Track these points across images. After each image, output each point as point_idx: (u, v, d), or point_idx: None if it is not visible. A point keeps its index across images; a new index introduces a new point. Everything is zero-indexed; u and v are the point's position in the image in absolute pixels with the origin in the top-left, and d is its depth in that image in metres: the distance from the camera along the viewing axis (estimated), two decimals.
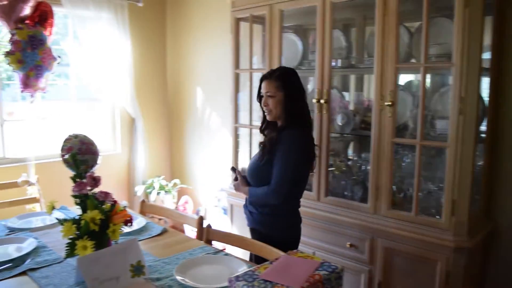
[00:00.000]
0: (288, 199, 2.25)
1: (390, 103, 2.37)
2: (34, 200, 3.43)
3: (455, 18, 2.14)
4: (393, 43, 2.36)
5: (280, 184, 2.17)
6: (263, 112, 2.34)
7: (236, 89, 3.30)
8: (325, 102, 2.71)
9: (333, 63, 2.76)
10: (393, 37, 2.36)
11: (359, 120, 2.84)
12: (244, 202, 2.47)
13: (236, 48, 3.27)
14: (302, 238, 2.40)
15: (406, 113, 2.67)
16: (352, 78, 3.24)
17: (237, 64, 3.29)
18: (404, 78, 2.89)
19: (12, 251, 2.07)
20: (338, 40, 2.97)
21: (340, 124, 2.84)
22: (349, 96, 3.15)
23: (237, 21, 3.24)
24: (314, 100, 2.75)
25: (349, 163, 2.93)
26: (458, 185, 2.21)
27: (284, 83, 2.23)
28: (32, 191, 3.48)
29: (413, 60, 2.66)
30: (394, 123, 2.41)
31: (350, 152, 3.09)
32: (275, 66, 2.95)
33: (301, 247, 2.78)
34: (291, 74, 2.30)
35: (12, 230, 2.36)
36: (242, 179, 2.38)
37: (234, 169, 2.46)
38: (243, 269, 1.82)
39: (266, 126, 2.38)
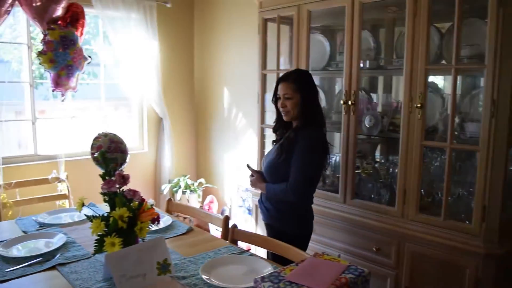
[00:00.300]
0: (304, 196, 2.38)
1: (419, 105, 2.33)
2: (63, 196, 3.51)
3: (488, 18, 2.09)
4: (423, 44, 2.32)
5: (298, 182, 2.29)
6: (278, 113, 2.47)
7: (263, 90, 3.30)
8: (352, 104, 2.68)
9: (361, 64, 2.73)
10: (423, 38, 2.31)
11: (387, 122, 2.80)
12: (259, 198, 2.59)
13: (263, 48, 3.27)
14: (327, 240, 2.39)
15: (435, 115, 2.62)
16: (381, 80, 3.20)
17: (264, 65, 3.29)
18: (434, 80, 2.83)
19: (42, 246, 2.12)
20: (367, 41, 2.93)
21: (367, 126, 2.81)
22: (377, 98, 3.11)
23: (265, 21, 3.24)
24: (342, 102, 2.73)
25: (376, 165, 2.89)
26: (489, 190, 2.15)
27: (301, 85, 2.34)
28: (62, 188, 3.57)
29: (443, 62, 2.60)
30: (423, 125, 2.37)
31: (377, 154, 3.05)
32: (303, 66, 2.95)
33: (326, 249, 2.77)
34: (307, 76, 2.42)
35: (42, 225, 2.42)
36: (259, 176, 2.49)
37: (249, 166, 2.54)
38: (268, 270, 1.82)
39: (279, 126, 2.51)
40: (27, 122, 3.86)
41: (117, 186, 1.90)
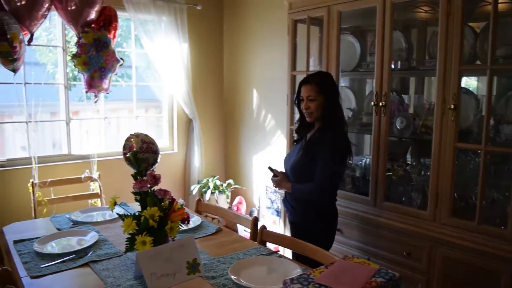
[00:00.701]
0: (329, 194, 2.45)
1: (452, 107, 2.28)
2: (96, 195, 3.59)
3: None
4: (457, 44, 2.26)
5: (323, 181, 2.35)
6: (300, 114, 2.54)
7: (292, 91, 3.29)
8: (383, 105, 2.64)
9: (392, 65, 2.69)
10: (457, 38, 2.26)
11: (419, 124, 2.74)
12: (283, 197, 2.67)
13: (293, 50, 3.26)
14: (356, 243, 2.36)
15: (470, 117, 2.56)
16: (412, 81, 3.14)
17: (293, 66, 3.28)
18: (468, 81, 2.77)
19: (75, 243, 2.18)
20: (398, 41, 2.89)
21: (399, 127, 2.76)
22: (409, 99, 3.06)
23: (294, 22, 3.24)
24: (372, 103, 2.69)
25: (408, 168, 2.84)
26: None
27: (324, 88, 2.41)
28: (94, 187, 3.65)
29: (478, 62, 2.54)
30: (456, 127, 2.31)
31: (408, 157, 3.00)
32: (333, 68, 2.93)
33: (355, 252, 2.73)
34: (329, 78, 2.48)
35: (76, 223, 2.48)
36: (283, 176, 2.54)
37: (271, 168, 2.59)
38: (297, 271, 1.81)
39: (301, 127, 2.59)
40: (62, 123, 3.96)
41: (148, 185, 1.94)
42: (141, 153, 2.15)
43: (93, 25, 3.48)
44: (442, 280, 2.38)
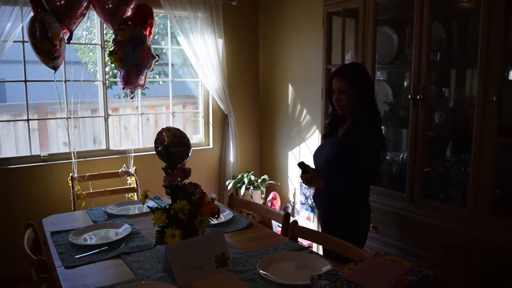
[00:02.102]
0: (365, 191, 2.40)
1: (495, 99, 2.16)
2: (132, 189, 3.66)
3: None
4: (500, 33, 2.14)
5: (361, 179, 2.31)
6: (332, 107, 2.46)
7: (327, 85, 3.22)
8: (421, 98, 2.55)
9: (431, 57, 2.58)
10: (500, 28, 2.14)
11: (459, 118, 2.63)
12: (313, 193, 2.60)
13: (327, 43, 3.20)
14: (390, 240, 2.29)
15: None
16: (453, 73, 3.01)
17: (328, 60, 3.22)
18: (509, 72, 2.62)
19: (109, 235, 2.22)
20: (438, 32, 2.77)
21: (438, 122, 2.66)
22: (449, 92, 2.93)
23: (329, 15, 3.17)
24: (410, 96, 2.60)
25: (447, 164, 2.73)
26: None
27: (355, 80, 2.31)
28: (131, 181, 3.72)
29: None
30: (499, 121, 2.19)
31: (448, 152, 2.88)
32: (369, 60, 2.85)
33: (390, 250, 2.65)
34: (363, 70, 2.39)
35: (111, 216, 2.53)
36: (316, 173, 2.43)
37: (303, 165, 2.46)
38: (327, 268, 1.77)
39: (333, 121, 2.50)
40: (101, 119, 4.06)
41: (179, 179, 1.94)
42: (172, 147, 2.16)
43: (129, 23, 3.54)
44: (482, 282, 2.27)
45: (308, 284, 1.46)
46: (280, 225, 2.42)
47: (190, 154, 2.31)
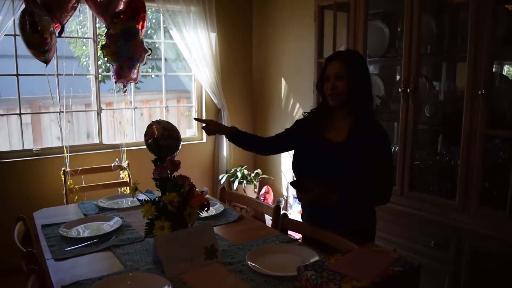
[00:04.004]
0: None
1: (483, 92, 2.17)
2: (125, 183, 3.67)
3: None
4: (489, 25, 2.15)
5: (389, 183, 2.09)
6: (323, 99, 2.12)
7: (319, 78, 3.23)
8: (411, 91, 2.56)
9: (422, 50, 2.59)
10: (488, 19, 2.15)
11: (449, 111, 2.64)
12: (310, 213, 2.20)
13: (319, 36, 3.21)
14: (381, 233, 2.29)
15: (503, 103, 2.43)
16: (444, 66, 3.02)
17: (320, 53, 3.23)
18: (509, 69, 2.64)
19: (99, 228, 2.22)
20: (429, 26, 2.78)
21: (428, 115, 2.67)
22: (440, 86, 2.95)
23: (321, 9, 3.18)
24: (400, 89, 2.61)
25: (437, 157, 2.74)
26: None
27: (355, 64, 2.03)
28: (124, 175, 3.73)
29: None
30: (488, 113, 2.21)
31: (438, 145, 2.89)
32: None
33: (380, 243, 2.67)
34: (361, 57, 2.16)
35: (102, 209, 2.54)
36: (324, 187, 1.97)
37: (298, 183, 2.06)
38: (315, 259, 1.78)
39: (317, 115, 2.16)
40: (94, 113, 4.05)
41: (168, 172, 1.95)
42: (162, 140, 2.16)
43: (121, 16, 3.53)
44: (471, 272, 2.29)
45: (295, 275, 1.48)
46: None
47: (180, 147, 2.32)
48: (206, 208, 1.98)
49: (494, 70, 2.26)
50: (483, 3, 2.16)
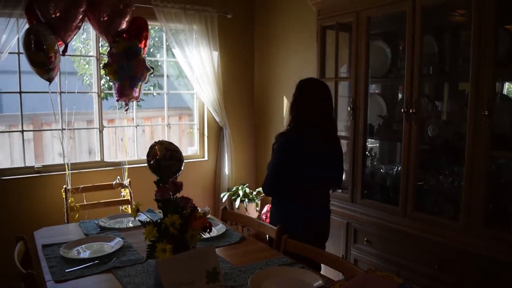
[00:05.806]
0: (274, 193, 2.64)
1: (487, 113, 2.17)
2: (126, 201, 3.65)
3: None
4: (491, 46, 2.16)
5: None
6: None
7: None
8: (413, 112, 2.56)
9: (424, 71, 2.60)
10: (490, 40, 2.16)
11: (452, 131, 2.64)
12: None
13: (321, 56, 3.22)
14: (384, 255, 2.28)
15: (505, 123, 2.43)
16: (446, 86, 3.03)
17: (322, 73, 3.24)
18: (504, 86, 2.64)
19: (100, 249, 2.20)
20: (430, 46, 2.79)
21: (430, 135, 2.66)
22: (442, 106, 2.95)
23: (323, 29, 3.20)
24: (402, 110, 2.61)
25: (440, 177, 2.73)
26: None
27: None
28: (125, 193, 3.71)
29: None
30: (491, 134, 2.20)
31: (441, 165, 2.88)
32: (362, 74, 2.88)
33: (383, 264, 2.64)
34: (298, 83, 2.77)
35: (103, 229, 2.52)
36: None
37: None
38: (318, 283, 1.76)
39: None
40: (96, 131, 4.05)
41: (170, 193, 1.94)
42: (164, 161, 2.15)
43: (124, 35, 3.55)
44: None
45: None
46: None
47: (182, 168, 2.31)
48: (208, 230, 1.97)
49: (497, 91, 2.26)
50: (485, 24, 2.17)
